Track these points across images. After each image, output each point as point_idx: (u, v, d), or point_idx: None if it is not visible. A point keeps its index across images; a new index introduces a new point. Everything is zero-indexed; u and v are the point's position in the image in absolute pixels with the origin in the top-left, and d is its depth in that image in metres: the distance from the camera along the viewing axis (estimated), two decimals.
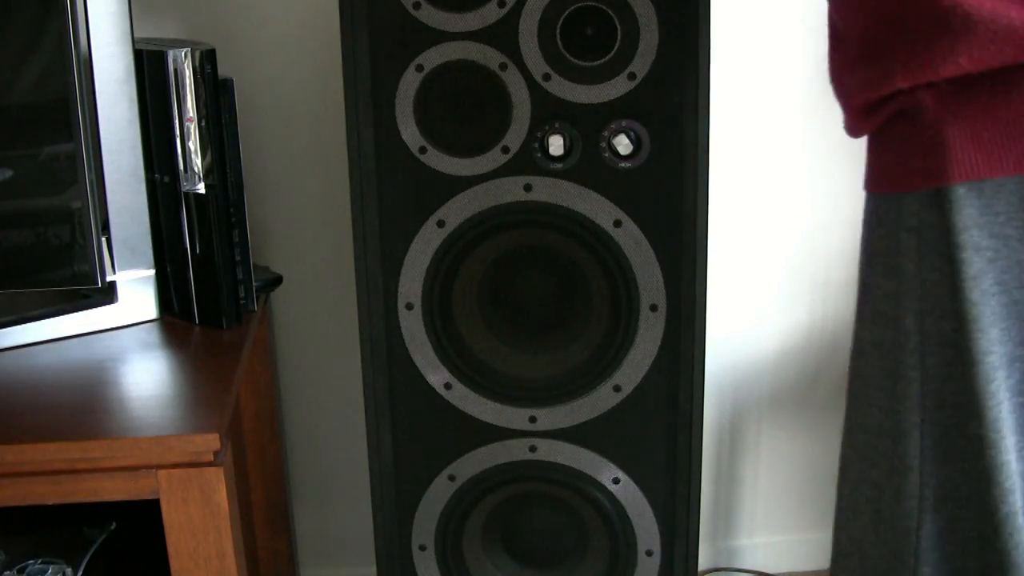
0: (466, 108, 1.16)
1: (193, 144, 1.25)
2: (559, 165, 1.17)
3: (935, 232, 0.81)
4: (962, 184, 0.79)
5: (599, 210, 1.18)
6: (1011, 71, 0.76)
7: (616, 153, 1.15)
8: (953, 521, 0.85)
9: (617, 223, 1.18)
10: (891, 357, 0.86)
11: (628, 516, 1.30)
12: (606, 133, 1.15)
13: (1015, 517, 0.84)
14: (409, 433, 1.28)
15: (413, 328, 1.23)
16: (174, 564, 1.07)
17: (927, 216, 0.81)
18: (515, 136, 1.16)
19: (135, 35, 1.22)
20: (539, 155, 1.17)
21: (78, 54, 1.17)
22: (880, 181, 0.86)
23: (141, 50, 1.24)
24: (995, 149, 0.78)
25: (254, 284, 1.35)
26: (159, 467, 1.04)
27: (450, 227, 1.19)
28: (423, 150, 1.17)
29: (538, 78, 1.15)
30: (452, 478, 1.29)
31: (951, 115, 0.79)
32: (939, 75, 0.77)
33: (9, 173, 1.20)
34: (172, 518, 1.06)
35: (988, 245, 0.80)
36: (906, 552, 0.87)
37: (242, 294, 1.32)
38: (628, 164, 1.16)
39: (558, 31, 1.13)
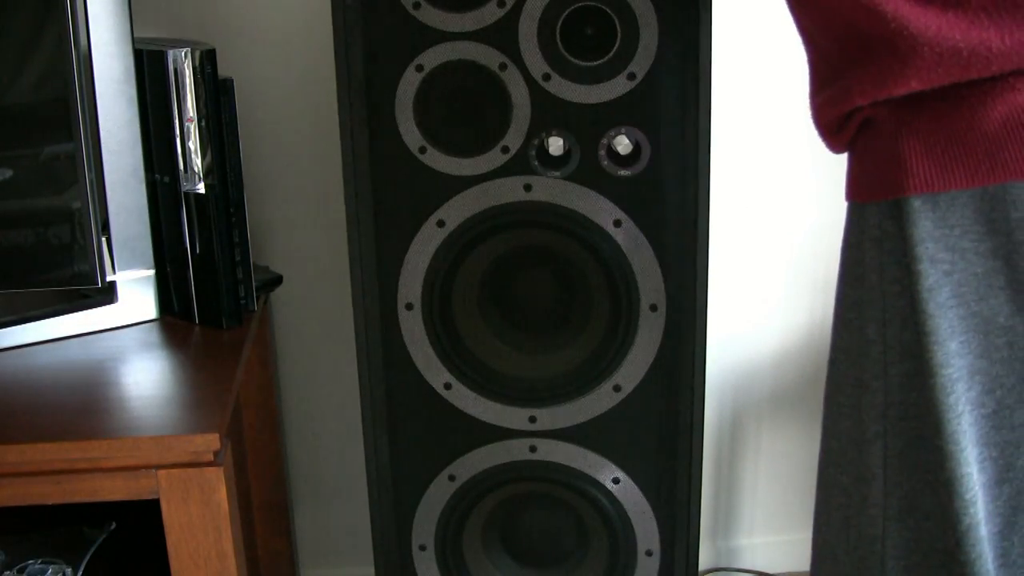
0: (466, 108, 1.16)
1: (193, 144, 1.25)
2: (559, 165, 1.17)
3: (894, 243, 0.82)
4: (918, 197, 0.80)
5: (599, 210, 1.18)
6: (959, 86, 0.77)
7: (616, 156, 1.15)
8: (917, 532, 0.86)
9: (617, 223, 1.18)
10: (857, 366, 0.86)
11: (628, 516, 1.30)
12: (605, 140, 1.15)
13: (977, 528, 0.84)
14: (409, 433, 1.28)
15: (413, 328, 1.23)
16: (174, 564, 1.07)
17: (887, 227, 0.82)
18: (515, 136, 1.16)
19: (135, 35, 1.22)
20: (539, 155, 1.17)
21: (78, 54, 1.17)
22: (849, 190, 0.88)
23: (141, 50, 1.24)
24: (947, 162, 0.79)
25: (254, 284, 1.35)
26: (159, 467, 1.04)
27: (450, 227, 1.19)
28: (423, 150, 1.17)
29: (538, 78, 1.15)
30: (452, 478, 1.29)
31: (905, 128, 0.80)
32: (891, 94, 0.79)
33: (9, 173, 1.20)
34: (172, 518, 1.06)
35: (944, 258, 0.81)
36: (872, 560, 0.87)
37: (242, 294, 1.32)
38: (627, 172, 1.16)
39: (558, 31, 1.13)
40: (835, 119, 0.86)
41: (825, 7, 0.81)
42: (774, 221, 1.64)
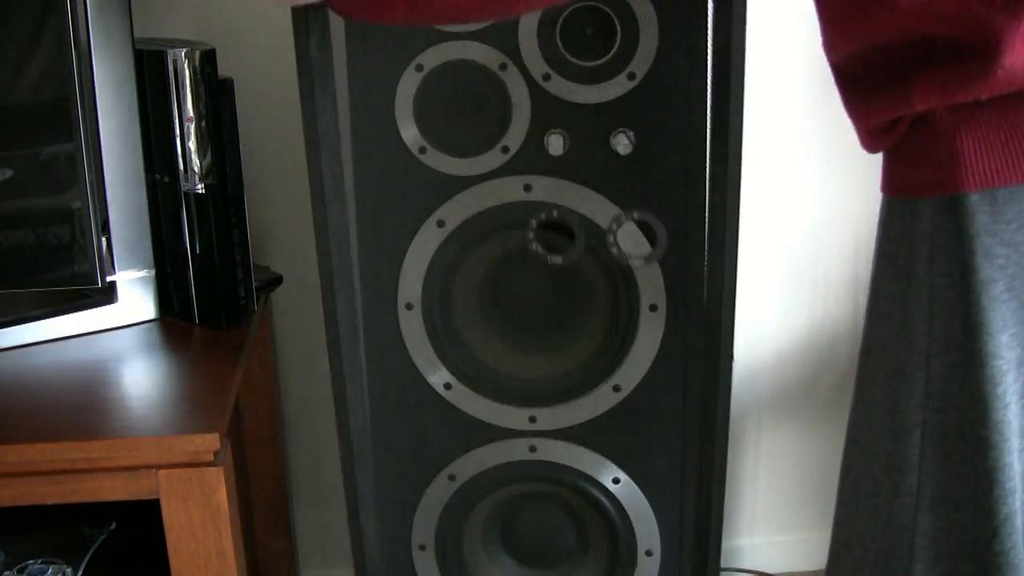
0: (466, 108, 1.16)
1: (193, 144, 1.25)
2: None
3: (947, 237, 0.82)
4: (975, 192, 0.80)
5: (599, 210, 1.18)
6: None
7: (628, 240, 1.14)
8: (949, 522, 0.87)
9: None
10: (896, 356, 0.87)
11: (628, 516, 1.30)
12: (611, 237, 1.15)
13: (1014, 517, 0.85)
14: (409, 433, 1.28)
15: (413, 328, 1.23)
16: (174, 564, 1.07)
17: (940, 222, 0.83)
18: (515, 136, 1.16)
19: (135, 35, 1.22)
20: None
21: (78, 54, 1.17)
22: (895, 187, 0.88)
23: (141, 50, 1.24)
24: (1007, 158, 0.80)
25: (254, 284, 1.35)
26: (159, 467, 1.04)
27: (450, 227, 1.19)
28: (423, 150, 1.17)
29: (538, 78, 1.15)
30: (452, 478, 1.29)
31: (963, 125, 0.80)
32: (956, 101, 0.80)
33: (9, 173, 1.20)
34: (172, 518, 1.06)
35: (999, 252, 0.81)
36: (901, 549, 0.88)
37: (242, 294, 1.32)
38: (641, 261, 1.16)
39: (558, 31, 1.13)
40: (886, 122, 0.85)
41: (905, 15, 0.80)
42: (774, 220, 1.64)
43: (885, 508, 0.89)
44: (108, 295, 1.30)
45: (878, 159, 0.91)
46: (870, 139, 0.90)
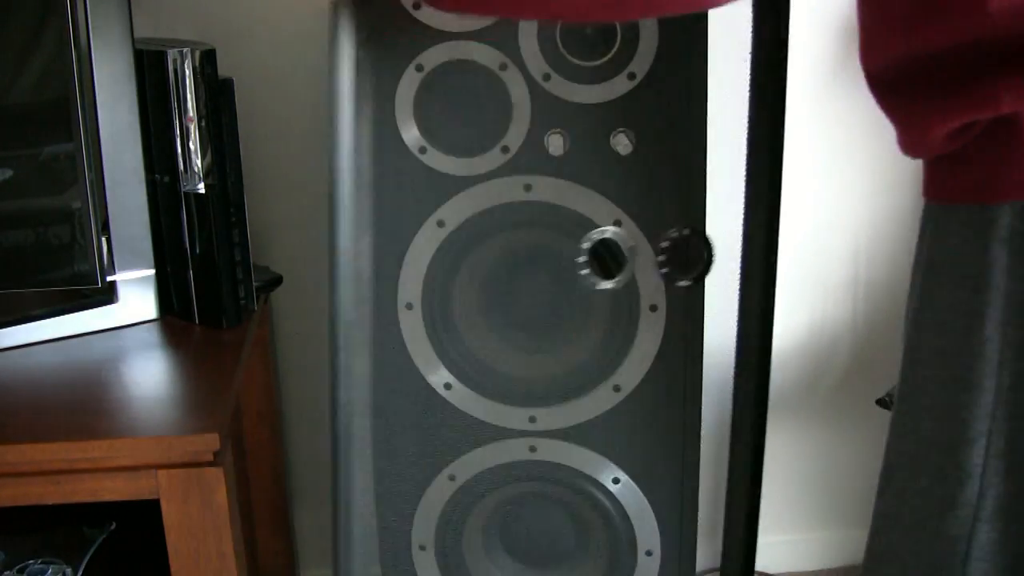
0: (466, 108, 1.16)
1: (193, 144, 1.25)
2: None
3: (1022, 242, 0.79)
4: None
5: (599, 210, 1.18)
6: None
7: (671, 263, 1.13)
8: (1008, 534, 0.84)
9: (617, 223, 1.18)
10: (958, 366, 0.84)
11: (628, 516, 1.30)
12: (662, 255, 1.14)
13: None
14: (409, 433, 1.28)
15: (413, 328, 1.23)
16: (174, 564, 1.07)
17: (1017, 226, 0.79)
18: (515, 136, 1.16)
19: (135, 35, 1.22)
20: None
21: (78, 54, 1.17)
22: (958, 192, 0.84)
23: (141, 50, 1.24)
24: None
25: (254, 284, 1.35)
26: (159, 467, 1.04)
27: (450, 227, 1.19)
28: (423, 150, 1.17)
29: (538, 78, 1.15)
30: (452, 478, 1.29)
31: None
32: None
33: (9, 173, 1.20)
34: (172, 518, 1.06)
35: None
36: (953, 562, 0.86)
37: (242, 294, 1.32)
38: (687, 281, 1.16)
39: (558, 31, 1.13)
40: (960, 126, 0.81)
41: (995, 15, 0.77)
42: None
43: (933, 523, 0.86)
44: (108, 295, 1.30)
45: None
46: (931, 143, 0.85)
